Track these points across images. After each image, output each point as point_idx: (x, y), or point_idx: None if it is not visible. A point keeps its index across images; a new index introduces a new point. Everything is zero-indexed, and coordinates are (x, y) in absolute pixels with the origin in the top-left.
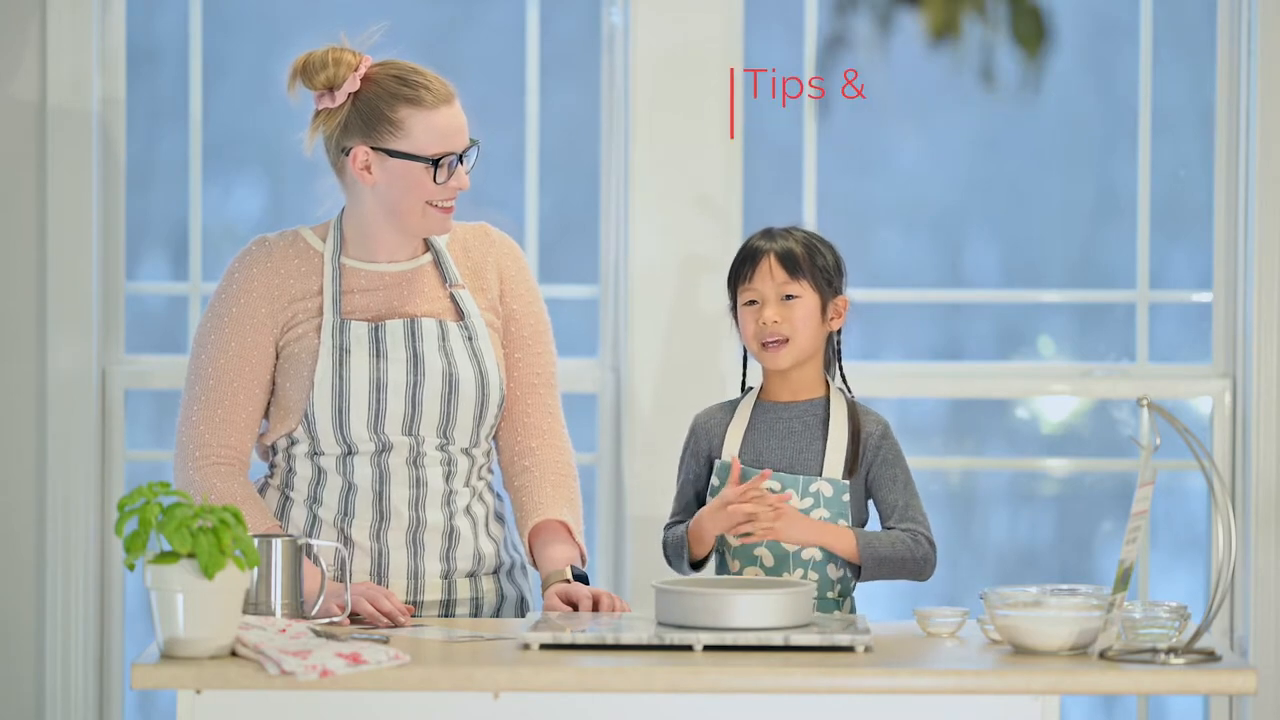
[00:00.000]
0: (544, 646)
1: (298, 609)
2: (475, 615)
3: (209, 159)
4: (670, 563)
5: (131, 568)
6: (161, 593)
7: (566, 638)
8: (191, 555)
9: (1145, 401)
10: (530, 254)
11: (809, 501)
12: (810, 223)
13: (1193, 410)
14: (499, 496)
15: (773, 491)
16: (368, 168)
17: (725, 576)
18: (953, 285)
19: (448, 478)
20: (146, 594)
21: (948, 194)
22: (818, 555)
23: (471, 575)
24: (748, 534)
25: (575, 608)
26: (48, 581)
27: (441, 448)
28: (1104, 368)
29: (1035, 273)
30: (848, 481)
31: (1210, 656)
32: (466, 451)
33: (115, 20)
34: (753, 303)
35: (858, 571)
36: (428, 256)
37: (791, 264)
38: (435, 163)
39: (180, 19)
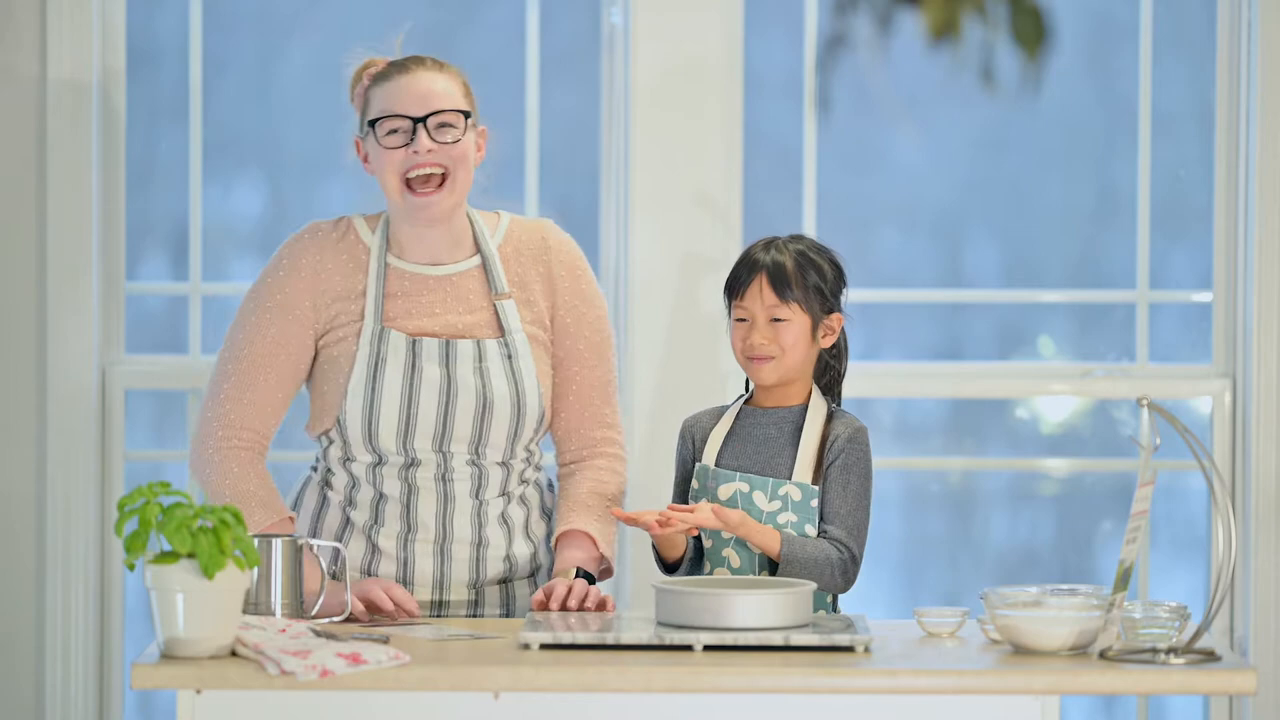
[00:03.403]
0: (544, 646)
1: (298, 609)
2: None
3: (209, 159)
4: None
5: (131, 568)
6: (161, 593)
7: (566, 638)
8: (191, 555)
9: (1145, 401)
10: None
11: (777, 505)
12: (810, 223)
13: (1193, 410)
14: (551, 488)
15: (741, 494)
16: (365, 157)
17: (725, 576)
18: (953, 285)
19: (477, 491)
20: (146, 594)
21: (948, 194)
22: None
23: (503, 582)
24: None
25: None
26: (48, 581)
27: (472, 462)
28: (1104, 368)
29: (1035, 273)
30: (818, 487)
31: (1210, 656)
32: (502, 464)
33: (115, 19)
34: (743, 319)
35: (774, 568)
36: (475, 260)
37: (782, 286)
38: (373, 124)
39: (180, 19)
